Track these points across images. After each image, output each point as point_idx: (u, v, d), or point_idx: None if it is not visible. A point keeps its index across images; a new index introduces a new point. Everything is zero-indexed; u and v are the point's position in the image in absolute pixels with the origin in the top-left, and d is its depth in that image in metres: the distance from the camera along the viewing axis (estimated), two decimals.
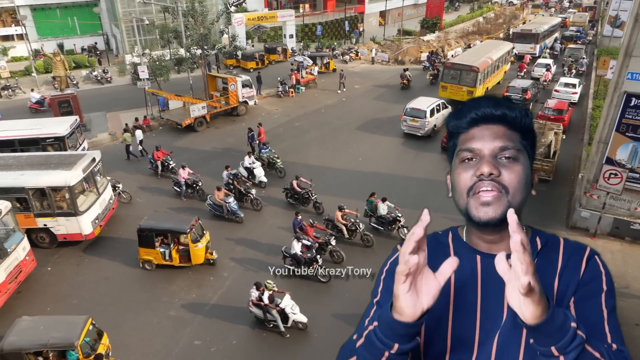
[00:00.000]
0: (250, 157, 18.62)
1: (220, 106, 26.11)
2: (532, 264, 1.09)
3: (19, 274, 12.81)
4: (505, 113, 1.40)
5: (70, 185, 14.02)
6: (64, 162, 14.91)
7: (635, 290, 12.53)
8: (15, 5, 35.93)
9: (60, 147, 18.08)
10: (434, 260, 1.53)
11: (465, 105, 1.46)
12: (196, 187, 17.60)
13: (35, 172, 14.44)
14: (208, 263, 13.84)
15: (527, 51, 36.27)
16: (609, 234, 14.96)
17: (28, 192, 14.15)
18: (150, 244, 13.42)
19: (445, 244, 1.58)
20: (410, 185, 18.37)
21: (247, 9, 44.17)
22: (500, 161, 1.36)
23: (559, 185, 18.16)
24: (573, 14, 56.41)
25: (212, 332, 11.65)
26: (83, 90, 30.03)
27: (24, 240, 13.27)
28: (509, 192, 1.34)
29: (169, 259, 13.49)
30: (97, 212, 15.05)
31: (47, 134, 18.20)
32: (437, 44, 42.24)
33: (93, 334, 10.15)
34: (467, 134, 1.42)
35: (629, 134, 13.91)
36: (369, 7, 52.89)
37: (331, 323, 11.67)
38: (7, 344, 9.42)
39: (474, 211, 1.37)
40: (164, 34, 29.19)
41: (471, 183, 1.37)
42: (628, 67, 13.40)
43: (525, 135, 1.43)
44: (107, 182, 16.28)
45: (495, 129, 1.39)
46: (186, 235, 13.13)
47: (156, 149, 19.40)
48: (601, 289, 1.40)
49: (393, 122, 25.26)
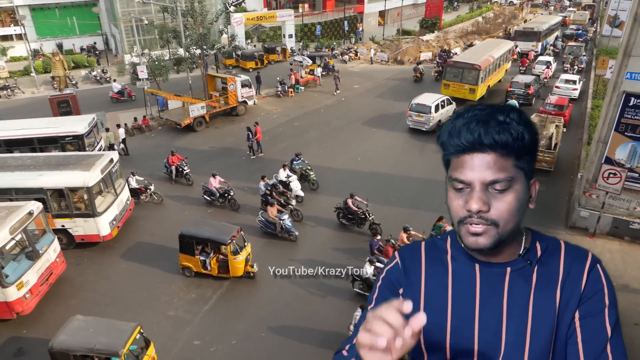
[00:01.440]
0: (285, 170, 17.27)
1: (220, 106, 26.10)
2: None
3: (50, 275, 12.63)
4: (494, 142, 1.27)
5: (89, 186, 13.85)
6: (82, 162, 14.74)
7: (634, 290, 12.54)
8: (14, 5, 35.88)
9: (79, 146, 18.02)
10: (432, 263, 1.53)
11: (455, 126, 1.34)
12: (228, 196, 16.72)
13: (54, 173, 14.29)
14: (247, 276, 13.22)
15: (529, 49, 36.78)
16: (608, 233, 14.96)
17: (46, 193, 13.98)
18: (191, 251, 13.08)
19: (443, 249, 1.54)
20: (410, 185, 18.37)
21: (246, 9, 44.15)
22: (491, 192, 1.31)
23: (558, 180, 18.20)
24: (573, 13, 56.92)
25: (211, 332, 11.65)
26: (82, 90, 30.00)
27: (55, 242, 13.09)
28: (499, 225, 1.32)
29: (208, 268, 13.09)
30: (115, 213, 14.89)
31: (65, 132, 18.14)
32: (437, 44, 42.25)
33: (140, 342, 9.84)
34: (458, 160, 1.35)
35: (628, 133, 13.91)
36: (368, 7, 52.88)
37: None
38: (57, 342, 9.34)
39: (464, 239, 1.36)
40: (163, 34, 29.20)
41: (462, 215, 1.34)
42: (627, 66, 13.39)
43: (522, 156, 1.32)
44: (125, 182, 16.09)
45: (486, 158, 1.30)
46: (226, 246, 12.68)
47: (171, 153, 18.88)
48: (604, 304, 1.38)
49: (394, 120, 25.31)
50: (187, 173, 18.62)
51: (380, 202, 16.85)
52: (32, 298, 11.91)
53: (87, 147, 18.18)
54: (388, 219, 15.33)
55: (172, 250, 14.40)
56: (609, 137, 14.20)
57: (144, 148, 22.47)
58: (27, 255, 12.17)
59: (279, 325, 11.98)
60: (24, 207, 12.23)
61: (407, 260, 1.58)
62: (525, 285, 1.41)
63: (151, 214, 16.96)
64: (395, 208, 16.53)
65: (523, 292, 1.41)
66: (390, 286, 1.55)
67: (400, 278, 1.55)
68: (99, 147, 19.47)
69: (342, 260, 13.53)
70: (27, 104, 28.70)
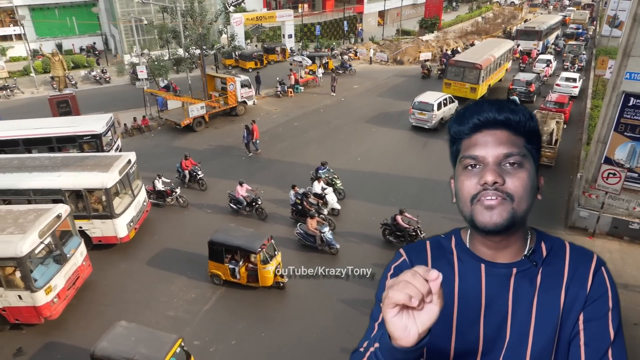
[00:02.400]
0: (320, 182, 16.35)
1: (219, 106, 26.10)
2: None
3: (76, 279, 12.43)
4: (508, 117, 1.35)
5: (107, 188, 13.73)
6: (100, 163, 14.61)
7: (634, 290, 12.55)
8: (13, 5, 35.84)
9: (97, 145, 17.96)
10: (436, 266, 1.52)
11: (467, 110, 1.41)
12: (255, 205, 16.08)
13: (72, 174, 14.13)
14: (277, 286, 12.76)
15: (530, 48, 37.51)
16: (607, 233, 14.97)
17: (64, 194, 13.82)
18: (220, 259, 12.76)
19: (448, 249, 1.54)
20: (410, 185, 18.37)
21: (245, 9, 44.13)
22: (504, 168, 1.33)
23: (558, 178, 18.23)
24: (573, 12, 57.19)
25: (211, 332, 11.64)
26: (82, 90, 29.99)
27: (82, 245, 12.90)
28: (514, 199, 1.31)
29: (237, 277, 12.73)
30: (132, 214, 14.75)
31: (83, 131, 18.10)
32: (436, 44, 42.29)
33: (182, 356, 9.51)
34: (470, 140, 1.38)
35: (628, 133, 13.92)
36: (368, 7, 52.88)
37: None
38: (99, 349, 9.18)
39: (479, 216, 1.34)
40: (163, 34, 29.17)
41: (475, 191, 1.34)
42: (627, 66, 13.40)
43: (530, 139, 1.38)
44: (142, 184, 15.90)
45: (499, 134, 1.35)
46: (256, 254, 12.29)
47: (185, 157, 18.40)
48: (607, 307, 1.38)
49: (394, 120, 25.33)
50: (200, 178, 18.17)
51: (380, 202, 16.86)
52: (60, 302, 11.68)
53: (104, 147, 18.08)
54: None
55: (177, 252, 14.46)
56: (608, 137, 14.21)
57: (143, 148, 22.41)
58: (54, 259, 11.93)
59: (278, 325, 11.98)
60: (52, 210, 12.00)
61: (413, 257, 1.57)
62: (530, 287, 1.42)
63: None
64: (395, 208, 16.47)
65: (528, 293, 1.41)
66: None
67: None
68: (116, 146, 19.35)
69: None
70: (26, 104, 28.68)
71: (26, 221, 11.47)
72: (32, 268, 11.18)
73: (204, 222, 16.09)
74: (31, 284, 11.02)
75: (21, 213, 11.92)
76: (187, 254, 14.39)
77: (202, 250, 13.35)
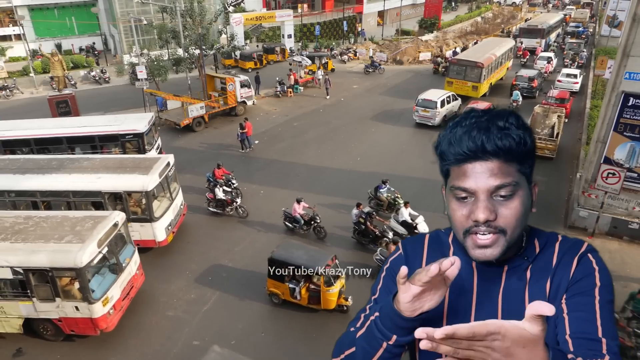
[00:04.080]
0: (407, 207, 14.46)
1: (219, 106, 26.10)
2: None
3: (130, 289, 11.96)
4: (497, 148, 1.25)
5: (147, 191, 13.41)
6: (139, 165, 14.27)
7: (633, 290, 12.54)
8: (12, 5, 35.83)
9: (139, 144, 17.81)
10: (433, 257, 1.54)
11: (455, 134, 1.30)
12: (314, 223, 14.94)
13: (112, 176, 13.82)
14: (340, 310, 11.91)
15: (533, 46, 38.37)
16: (607, 233, 14.98)
17: (104, 197, 13.56)
18: (280, 277, 11.92)
19: (446, 243, 1.57)
20: (409, 185, 18.36)
21: (245, 9, 44.15)
22: (496, 199, 1.29)
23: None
24: (573, 11, 57.62)
25: (210, 332, 11.63)
26: (81, 91, 29.97)
27: (136, 254, 12.44)
28: (507, 232, 1.30)
29: (298, 297, 11.89)
30: (170, 218, 14.43)
31: (126, 130, 17.86)
32: (435, 44, 42.32)
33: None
34: (459, 169, 1.31)
35: (627, 133, 13.93)
36: (367, 7, 52.91)
37: None
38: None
39: (471, 251, 1.34)
40: (162, 34, 29.16)
41: (467, 226, 1.32)
42: (626, 66, 13.40)
43: (524, 162, 1.31)
44: (179, 187, 15.57)
45: (490, 165, 1.27)
46: (319, 275, 11.46)
47: (217, 166, 17.57)
48: (594, 284, 1.33)
49: (394, 120, 25.34)
50: (235, 187, 17.05)
51: None
52: (115, 314, 11.24)
53: (145, 146, 17.90)
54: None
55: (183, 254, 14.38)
56: (607, 137, 14.22)
57: None
58: (110, 269, 11.48)
59: (278, 325, 11.98)
60: (109, 218, 11.55)
61: (409, 252, 1.60)
62: (520, 283, 1.42)
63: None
64: None
65: (518, 290, 1.41)
66: (393, 277, 1.55)
67: None
68: (156, 145, 19.05)
69: None
70: (25, 104, 28.68)
71: (84, 229, 11.03)
72: (89, 278, 10.71)
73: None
74: (89, 295, 10.56)
75: (78, 220, 11.47)
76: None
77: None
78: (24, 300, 10.84)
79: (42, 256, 10.42)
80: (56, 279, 10.56)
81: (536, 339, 0.93)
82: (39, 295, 10.74)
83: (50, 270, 10.43)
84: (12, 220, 11.70)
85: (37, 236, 10.95)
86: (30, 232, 11.11)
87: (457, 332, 0.92)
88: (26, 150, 17.63)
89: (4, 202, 13.97)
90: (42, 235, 10.96)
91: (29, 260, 10.47)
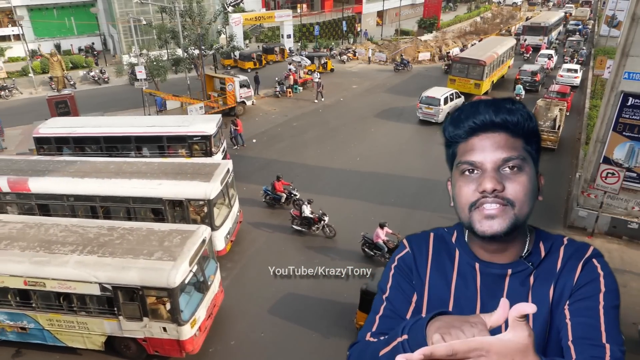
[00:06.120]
0: None
1: (218, 106, 26.10)
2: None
3: (213, 308, 11.35)
4: (506, 119, 1.28)
5: (210, 199, 12.86)
6: (199, 172, 13.64)
7: (633, 290, 12.56)
8: (12, 5, 35.81)
9: (206, 146, 17.43)
10: (438, 258, 1.52)
11: (463, 112, 1.34)
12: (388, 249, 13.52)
13: (173, 182, 13.25)
14: None
15: (537, 43, 39.26)
16: (606, 233, 14.99)
17: (165, 204, 13.06)
18: None
19: (450, 243, 1.53)
20: (409, 185, 18.39)
21: (244, 9, 44.13)
22: (503, 173, 1.28)
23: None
24: (573, 9, 58.06)
25: (210, 332, 11.61)
26: (80, 91, 29.96)
27: (218, 270, 11.77)
28: (515, 205, 1.28)
29: None
30: (229, 226, 13.91)
31: (194, 132, 17.38)
32: (435, 44, 42.36)
33: None
34: (467, 144, 1.32)
35: (626, 133, 13.94)
36: (367, 7, 52.90)
37: None
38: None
39: (477, 225, 1.30)
40: (162, 34, 29.15)
41: (474, 199, 1.30)
42: (625, 66, 13.41)
43: (529, 140, 1.33)
44: (236, 193, 15.04)
45: (497, 137, 1.29)
46: None
47: (277, 178, 16.80)
48: (598, 289, 1.31)
49: (393, 120, 25.37)
50: (298, 198, 16.18)
51: (378, 201, 16.86)
52: (201, 335, 10.61)
53: (212, 148, 17.50)
54: (386, 218, 15.28)
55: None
56: (607, 136, 14.23)
57: None
58: (196, 287, 10.82)
59: (278, 325, 11.96)
60: (197, 233, 10.80)
61: (415, 250, 1.56)
62: (523, 288, 1.40)
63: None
64: (393, 208, 16.53)
65: (521, 294, 1.39)
66: (404, 274, 1.54)
67: (412, 267, 1.54)
68: (222, 148, 18.69)
69: None
70: (25, 105, 28.66)
71: (172, 245, 10.35)
72: (180, 299, 9.98)
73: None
74: (179, 317, 9.85)
75: (164, 234, 10.76)
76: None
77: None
78: (109, 318, 10.20)
79: (133, 273, 9.71)
80: (146, 298, 9.88)
81: (524, 348, 0.88)
82: (126, 314, 10.03)
83: (140, 289, 9.73)
84: (95, 230, 11.03)
85: (125, 250, 10.24)
86: (117, 246, 10.40)
87: (435, 352, 0.88)
88: (95, 147, 17.48)
89: (62, 206, 13.64)
90: (130, 250, 10.25)
91: (119, 277, 9.73)
